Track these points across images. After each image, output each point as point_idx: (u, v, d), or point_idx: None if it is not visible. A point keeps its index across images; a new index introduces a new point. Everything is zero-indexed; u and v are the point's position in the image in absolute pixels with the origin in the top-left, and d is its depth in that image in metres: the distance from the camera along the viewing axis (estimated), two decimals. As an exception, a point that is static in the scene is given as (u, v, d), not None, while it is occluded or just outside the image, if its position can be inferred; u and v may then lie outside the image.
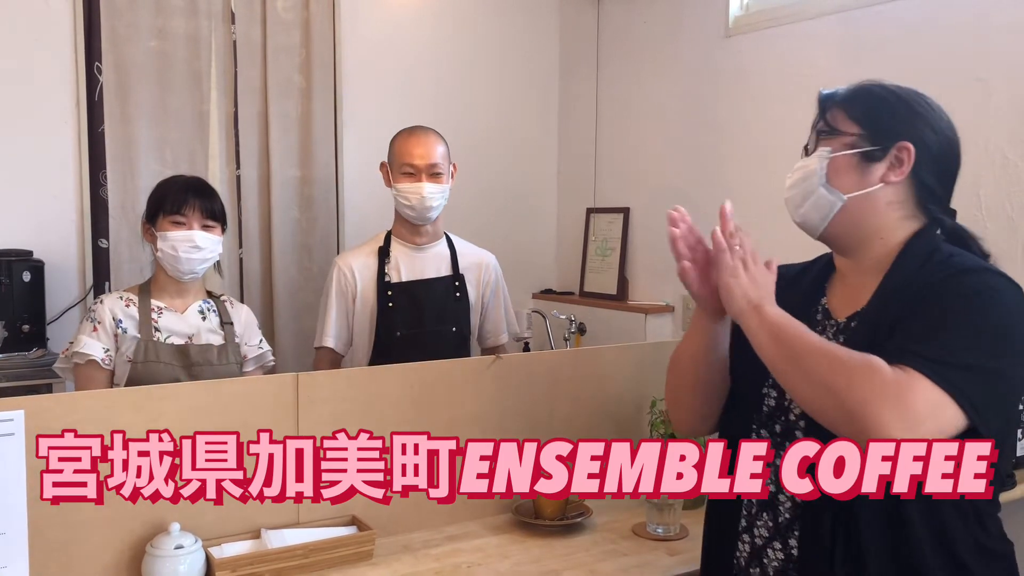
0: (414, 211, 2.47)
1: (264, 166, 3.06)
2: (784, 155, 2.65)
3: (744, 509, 1.41)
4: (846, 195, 1.38)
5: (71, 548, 1.63)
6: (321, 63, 3.13)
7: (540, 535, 1.97)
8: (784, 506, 1.36)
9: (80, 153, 2.78)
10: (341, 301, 2.50)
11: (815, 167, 1.40)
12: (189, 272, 2.12)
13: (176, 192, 2.12)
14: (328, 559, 1.76)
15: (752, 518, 1.40)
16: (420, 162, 2.45)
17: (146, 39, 2.85)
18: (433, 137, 2.51)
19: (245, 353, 2.23)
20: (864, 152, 1.37)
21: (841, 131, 1.38)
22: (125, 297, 2.13)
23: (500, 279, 2.67)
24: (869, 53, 2.39)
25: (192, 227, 2.10)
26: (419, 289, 2.50)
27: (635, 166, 3.27)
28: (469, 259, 2.61)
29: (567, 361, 2.23)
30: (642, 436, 2.26)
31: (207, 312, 2.20)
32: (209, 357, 2.13)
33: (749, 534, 1.40)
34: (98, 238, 2.83)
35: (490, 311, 2.64)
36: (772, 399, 1.41)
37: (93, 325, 2.08)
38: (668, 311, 3.08)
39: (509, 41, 3.55)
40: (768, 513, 1.38)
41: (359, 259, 2.52)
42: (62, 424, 1.60)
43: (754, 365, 1.42)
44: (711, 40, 2.92)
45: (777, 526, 1.37)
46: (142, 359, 2.06)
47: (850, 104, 1.40)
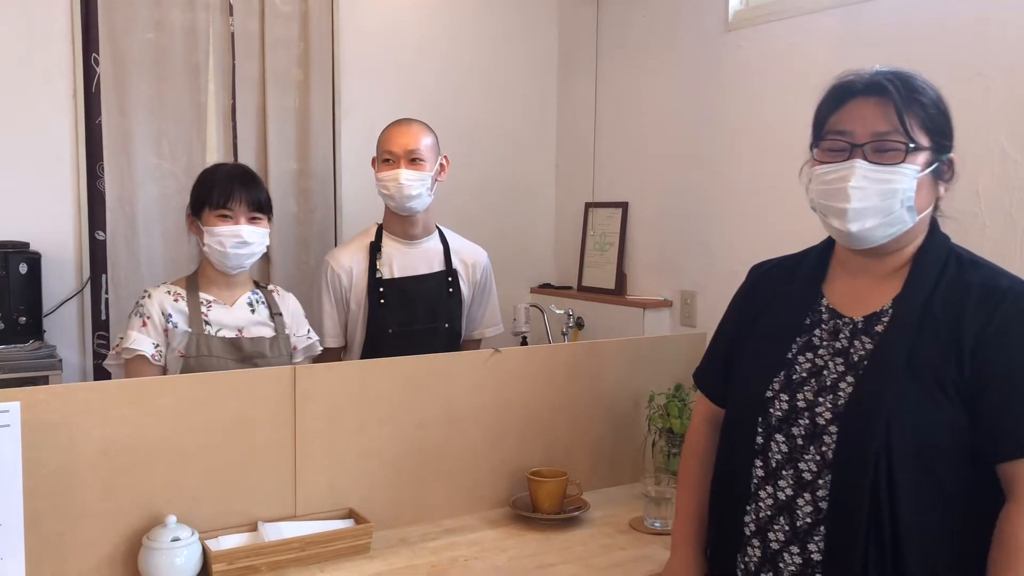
0: (393, 200, 2.45)
1: (262, 159, 3.05)
2: (783, 150, 2.66)
3: (752, 514, 1.39)
4: (919, 215, 1.34)
5: (67, 540, 1.63)
6: (319, 56, 3.11)
7: (537, 529, 1.97)
8: (804, 510, 1.33)
9: (77, 145, 2.77)
10: (333, 299, 2.49)
11: (901, 186, 1.31)
12: (237, 267, 2.10)
13: (222, 184, 2.08)
14: (325, 552, 1.77)
15: (766, 522, 1.37)
16: (398, 149, 2.44)
17: (144, 31, 2.84)
18: (416, 127, 2.50)
19: (295, 344, 2.21)
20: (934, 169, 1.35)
21: (921, 145, 1.32)
22: (173, 291, 2.10)
23: (490, 276, 2.67)
24: (869, 48, 2.38)
25: (239, 221, 2.06)
26: (411, 285, 2.49)
27: (634, 161, 3.26)
28: (462, 254, 2.60)
29: (565, 355, 2.22)
30: (640, 431, 2.26)
31: (256, 304, 2.17)
32: (262, 349, 2.10)
33: (761, 538, 1.37)
34: (95, 230, 2.82)
35: (475, 306, 2.63)
36: (784, 402, 1.38)
37: (142, 320, 2.05)
38: (666, 306, 3.07)
39: (508, 34, 3.54)
40: (785, 517, 1.35)
41: (350, 256, 2.51)
42: (59, 416, 1.60)
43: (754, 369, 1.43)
44: (711, 34, 2.91)
45: (795, 530, 1.33)
46: (194, 353, 2.03)
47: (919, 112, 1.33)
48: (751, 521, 1.39)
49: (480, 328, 2.66)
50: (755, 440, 1.39)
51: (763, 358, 1.43)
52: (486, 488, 2.09)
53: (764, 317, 1.49)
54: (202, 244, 2.09)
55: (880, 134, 1.31)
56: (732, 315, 1.60)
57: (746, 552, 1.40)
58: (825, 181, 1.36)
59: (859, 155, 1.32)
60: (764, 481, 1.38)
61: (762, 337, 1.47)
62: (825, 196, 1.36)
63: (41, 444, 1.58)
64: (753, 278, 1.60)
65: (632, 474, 2.28)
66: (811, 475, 1.32)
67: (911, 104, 1.32)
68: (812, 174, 1.39)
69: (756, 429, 1.39)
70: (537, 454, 2.15)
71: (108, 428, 1.65)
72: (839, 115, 1.37)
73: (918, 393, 1.26)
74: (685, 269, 3.01)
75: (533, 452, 2.14)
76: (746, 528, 1.39)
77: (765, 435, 1.38)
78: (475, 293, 2.62)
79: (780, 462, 1.36)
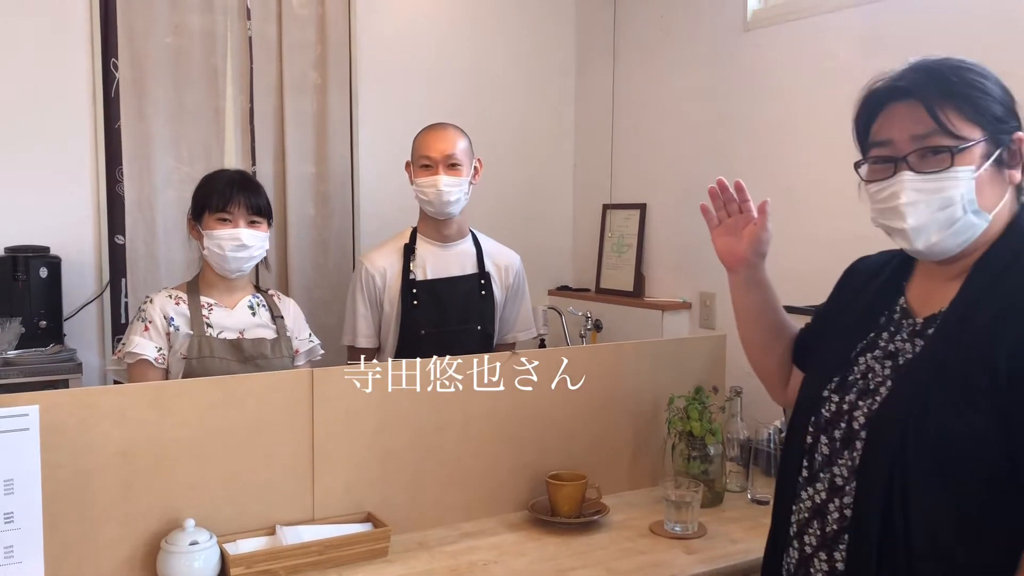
0: (432, 205, 2.46)
1: (279, 162, 3.06)
2: (804, 150, 2.64)
3: (795, 515, 1.35)
4: (991, 213, 1.24)
5: (86, 543, 1.63)
6: (336, 59, 3.12)
7: (556, 533, 1.95)
8: (832, 516, 1.28)
9: (97, 149, 2.78)
10: (367, 300, 2.49)
11: (958, 191, 1.21)
12: (236, 270, 2.12)
13: (221, 189, 2.11)
14: (343, 556, 1.76)
15: (803, 525, 1.33)
16: (436, 154, 2.45)
17: (162, 35, 2.85)
18: (452, 131, 2.51)
19: (296, 347, 2.22)
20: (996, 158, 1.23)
21: (970, 139, 1.22)
22: (174, 295, 2.12)
23: (523, 279, 2.67)
24: (891, 46, 2.35)
25: (238, 224, 2.09)
26: (443, 287, 2.50)
27: (652, 162, 3.24)
28: (495, 257, 2.60)
29: (584, 357, 2.21)
30: (659, 434, 2.24)
31: (257, 307, 2.19)
32: (263, 350, 2.12)
33: (799, 541, 1.34)
34: (114, 234, 2.83)
35: (508, 310, 2.63)
36: (833, 403, 1.33)
37: (144, 325, 2.07)
38: (685, 308, 3.05)
39: (525, 36, 3.53)
40: (818, 521, 1.30)
41: (384, 257, 2.52)
42: (77, 420, 1.60)
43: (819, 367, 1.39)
44: (729, 34, 2.89)
45: (824, 536, 1.29)
46: (196, 355, 2.05)
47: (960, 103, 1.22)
48: (794, 521, 1.35)
49: (513, 332, 2.67)
50: (805, 439, 1.35)
51: (828, 355, 1.39)
52: (505, 491, 2.08)
53: (846, 311, 1.44)
54: (202, 248, 2.12)
55: (920, 138, 1.23)
56: (824, 306, 1.55)
57: (788, 552, 1.37)
58: (878, 200, 1.28)
59: (904, 168, 1.24)
60: (806, 482, 1.34)
61: (836, 332, 1.42)
62: (882, 216, 1.29)
63: (60, 447, 1.58)
64: (850, 270, 1.53)
65: (652, 478, 2.26)
66: (842, 480, 1.28)
67: (947, 97, 1.22)
68: (867, 192, 1.32)
69: (808, 428, 1.35)
70: (556, 457, 2.13)
71: (126, 431, 1.65)
72: (876, 127, 1.29)
73: (942, 401, 1.18)
74: (704, 271, 2.98)
75: (552, 455, 2.13)
76: (790, 528, 1.36)
77: (813, 435, 1.34)
78: (508, 296, 2.62)
79: (821, 464, 1.32)
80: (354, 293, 2.52)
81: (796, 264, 2.59)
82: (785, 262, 2.64)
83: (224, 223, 2.09)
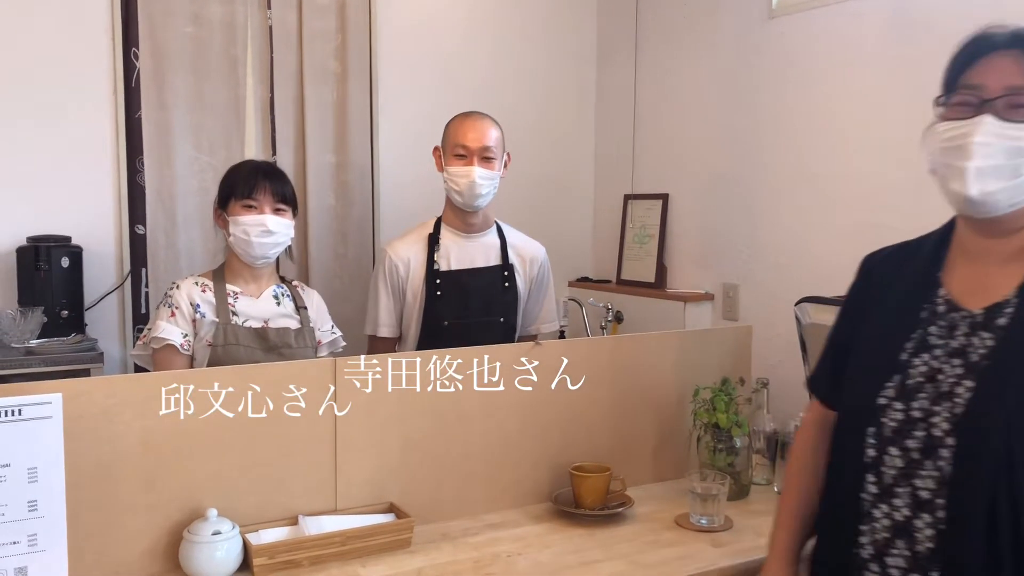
0: (462, 196, 2.43)
1: (300, 152, 3.05)
2: (829, 139, 2.60)
3: (868, 535, 1.26)
4: None
5: (109, 532, 1.63)
6: (357, 48, 3.10)
7: (581, 525, 1.93)
8: (923, 533, 1.19)
9: (117, 139, 2.78)
10: (391, 289, 2.48)
11: None
12: (262, 257, 2.12)
13: (247, 176, 2.12)
14: (366, 546, 1.74)
15: (883, 546, 1.24)
16: (473, 144, 2.41)
17: (182, 25, 2.84)
18: (488, 121, 2.47)
19: (319, 338, 2.22)
20: None
21: None
22: (200, 282, 2.13)
23: (548, 271, 2.64)
24: (919, 32, 2.31)
25: (264, 211, 2.09)
26: (467, 278, 2.47)
27: (674, 151, 3.21)
28: (519, 249, 2.58)
29: (606, 348, 2.18)
30: (685, 426, 2.22)
31: (281, 297, 2.19)
32: (288, 340, 2.12)
33: (879, 564, 1.24)
34: (135, 224, 2.83)
35: (532, 302, 2.60)
36: (897, 411, 1.25)
37: (171, 310, 2.07)
38: (708, 299, 3.02)
39: (546, 24, 3.50)
40: (904, 541, 1.22)
41: (408, 247, 2.49)
42: (100, 408, 1.60)
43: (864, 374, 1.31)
44: (753, 21, 2.85)
45: (916, 556, 1.20)
46: (222, 342, 2.05)
47: None
48: (868, 543, 1.26)
49: (536, 323, 2.64)
50: (865, 452, 1.26)
51: (874, 359, 1.31)
52: (528, 483, 2.06)
53: (876, 311, 1.36)
54: (228, 236, 2.12)
55: (1016, 88, 1.19)
56: (844, 311, 1.45)
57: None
58: (946, 138, 1.24)
59: (989, 110, 1.20)
60: (879, 499, 1.25)
61: (873, 335, 1.34)
62: (945, 154, 1.24)
63: (82, 436, 1.58)
64: (865, 269, 1.45)
65: (677, 470, 2.23)
66: (929, 494, 1.19)
67: None
68: (933, 131, 1.27)
69: (867, 440, 1.26)
70: (580, 449, 2.11)
71: (149, 420, 1.64)
72: (972, 71, 1.24)
73: None
74: (727, 261, 2.95)
75: (575, 447, 2.11)
76: (862, 550, 1.26)
77: (878, 448, 1.25)
78: (532, 288, 2.60)
79: (896, 478, 1.23)
80: (376, 282, 2.50)
81: (822, 253, 2.56)
82: (811, 252, 2.62)
83: (250, 209, 2.09)
